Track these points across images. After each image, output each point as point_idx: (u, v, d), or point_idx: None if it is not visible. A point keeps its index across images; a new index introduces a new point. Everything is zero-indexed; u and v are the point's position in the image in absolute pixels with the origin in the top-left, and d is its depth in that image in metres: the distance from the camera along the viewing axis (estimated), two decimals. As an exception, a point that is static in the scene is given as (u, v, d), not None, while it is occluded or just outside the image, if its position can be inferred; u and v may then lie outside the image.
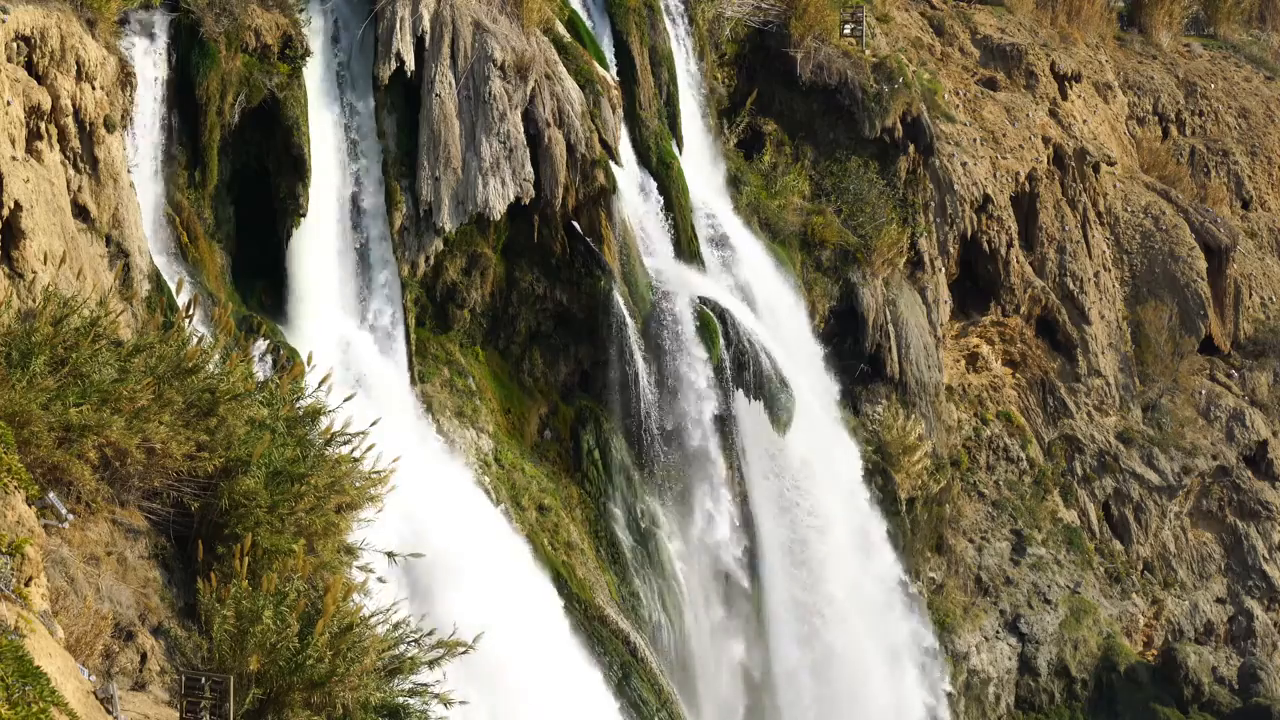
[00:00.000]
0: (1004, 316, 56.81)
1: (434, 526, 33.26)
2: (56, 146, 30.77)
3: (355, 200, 38.80)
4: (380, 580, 22.86)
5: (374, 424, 23.88)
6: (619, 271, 41.77)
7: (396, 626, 20.74)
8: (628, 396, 41.89)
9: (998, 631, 52.92)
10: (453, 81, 39.38)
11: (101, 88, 31.81)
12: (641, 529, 42.00)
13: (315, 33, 38.47)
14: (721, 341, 42.96)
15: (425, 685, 20.71)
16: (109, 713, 16.77)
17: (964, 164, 54.95)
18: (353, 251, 38.70)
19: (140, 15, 35.26)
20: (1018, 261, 56.57)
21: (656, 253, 44.06)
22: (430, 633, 20.89)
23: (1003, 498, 55.36)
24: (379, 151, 39.00)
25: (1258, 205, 69.01)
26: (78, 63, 31.06)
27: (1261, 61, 74.69)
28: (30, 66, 30.26)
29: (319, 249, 37.81)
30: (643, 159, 44.96)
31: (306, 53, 37.49)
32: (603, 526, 41.59)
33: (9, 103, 28.74)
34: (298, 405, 23.74)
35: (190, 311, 24.76)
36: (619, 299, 41.54)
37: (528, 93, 40.04)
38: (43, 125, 30.32)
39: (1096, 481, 57.65)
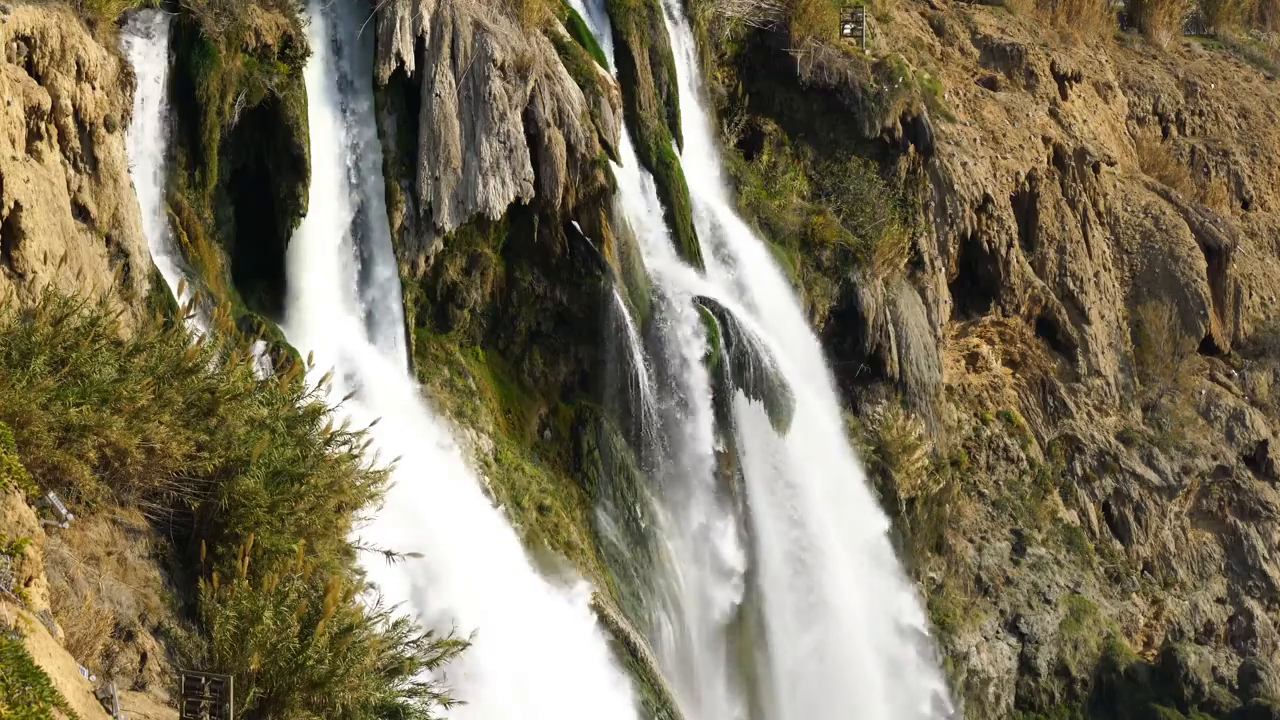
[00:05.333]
0: (1004, 316, 56.77)
1: (433, 526, 33.24)
2: (56, 146, 30.76)
3: (355, 200, 38.79)
4: (371, 586, 22.86)
5: (374, 423, 23.89)
6: (619, 271, 41.78)
7: (396, 626, 20.75)
8: (627, 397, 41.87)
9: (998, 631, 52.91)
10: (453, 81, 39.39)
11: (101, 88, 31.80)
12: (641, 529, 42.00)
13: (315, 32, 38.46)
14: (721, 341, 42.95)
15: (425, 685, 20.73)
16: (109, 713, 16.77)
17: (964, 164, 54.92)
18: (353, 251, 38.70)
19: (140, 15, 35.24)
20: (1018, 261, 56.54)
21: (656, 253, 44.05)
22: (429, 633, 20.91)
23: (1003, 498, 55.34)
24: (379, 151, 38.99)
25: (1258, 205, 68.96)
26: (78, 63, 31.05)
27: (1261, 61, 74.63)
28: (30, 66, 30.24)
29: (319, 249, 37.79)
30: (643, 159, 44.94)
31: (306, 53, 37.48)
32: (603, 526, 41.60)
33: (9, 103, 28.74)
34: (297, 405, 23.73)
35: (190, 311, 24.77)
36: (619, 299, 41.54)
37: (528, 93, 40.05)
38: (43, 125, 30.31)
39: (1096, 481, 57.64)
